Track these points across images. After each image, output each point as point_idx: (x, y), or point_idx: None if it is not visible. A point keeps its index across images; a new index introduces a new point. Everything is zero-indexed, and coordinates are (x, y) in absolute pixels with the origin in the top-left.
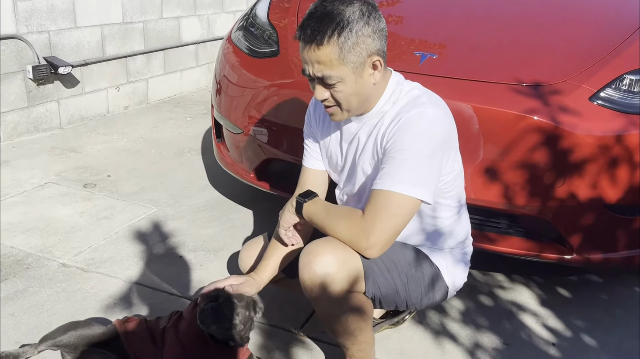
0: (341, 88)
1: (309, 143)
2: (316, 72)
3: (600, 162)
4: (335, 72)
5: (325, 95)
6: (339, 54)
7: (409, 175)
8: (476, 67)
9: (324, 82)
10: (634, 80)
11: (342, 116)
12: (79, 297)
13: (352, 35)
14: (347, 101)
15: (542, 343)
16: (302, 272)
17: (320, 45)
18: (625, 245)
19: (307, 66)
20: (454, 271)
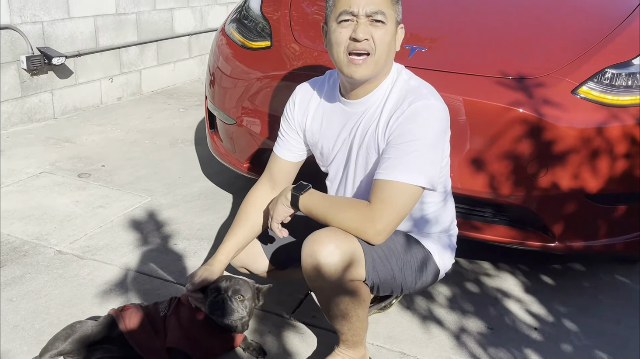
0: (385, 31)
1: (285, 132)
2: (369, 8)
3: (581, 153)
4: (388, 12)
5: (367, 35)
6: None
7: (416, 166)
8: (463, 61)
9: (373, 20)
10: (615, 74)
11: (367, 69)
12: (76, 283)
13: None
14: (382, 49)
15: (525, 327)
16: (305, 261)
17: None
18: (605, 233)
19: (356, 3)
20: (443, 253)
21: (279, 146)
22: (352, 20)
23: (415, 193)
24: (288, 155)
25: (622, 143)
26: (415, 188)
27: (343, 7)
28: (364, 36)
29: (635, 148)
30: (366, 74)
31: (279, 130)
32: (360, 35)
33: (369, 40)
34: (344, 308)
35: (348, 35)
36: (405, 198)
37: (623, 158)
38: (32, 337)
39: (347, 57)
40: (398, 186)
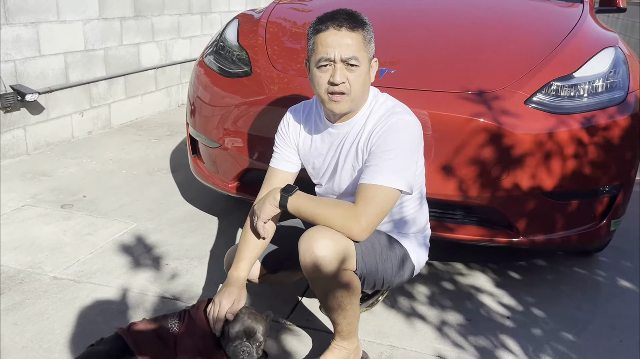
0: (359, 73)
1: (281, 146)
2: (343, 54)
3: (536, 156)
4: (361, 55)
5: (343, 78)
6: (362, 42)
7: (393, 171)
8: (428, 79)
9: (348, 64)
10: (559, 85)
11: (345, 105)
12: (77, 305)
13: (369, 33)
14: (356, 89)
15: (499, 317)
16: (303, 255)
17: (353, 30)
18: (562, 226)
19: (331, 50)
20: (419, 252)
21: (277, 159)
22: (330, 65)
23: (393, 195)
24: (286, 166)
25: (571, 145)
26: (393, 190)
27: (321, 54)
28: (340, 80)
29: (582, 149)
30: (345, 109)
31: (274, 147)
32: (338, 79)
33: (345, 82)
34: (340, 297)
35: (327, 79)
36: (385, 199)
37: (572, 158)
38: (41, 356)
39: (328, 96)
40: (379, 188)
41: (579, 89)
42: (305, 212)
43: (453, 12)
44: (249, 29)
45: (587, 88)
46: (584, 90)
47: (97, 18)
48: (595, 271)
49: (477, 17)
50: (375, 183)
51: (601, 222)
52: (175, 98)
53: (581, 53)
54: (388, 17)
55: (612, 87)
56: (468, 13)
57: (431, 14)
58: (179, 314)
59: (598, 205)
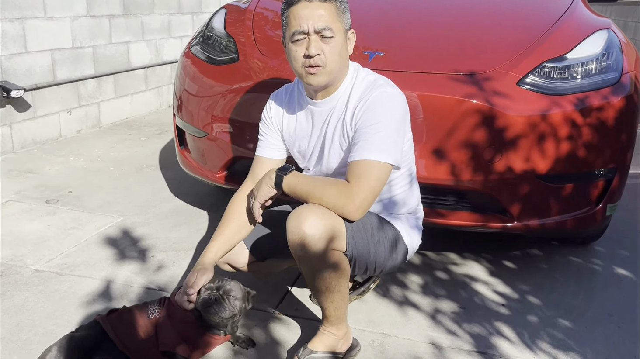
0: (334, 44)
1: (265, 133)
2: (317, 25)
3: (529, 138)
4: (335, 26)
5: (318, 50)
6: (336, 12)
7: (382, 145)
8: (418, 61)
9: (322, 36)
10: (552, 67)
11: (323, 77)
12: (57, 297)
13: (343, 3)
14: (332, 61)
15: (494, 304)
16: (291, 233)
17: (326, 0)
18: (557, 211)
19: (304, 22)
20: (411, 234)
21: (261, 147)
22: (305, 38)
23: (384, 169)
24: (271, 153)
25: (564, 127)
26: (383, 164)
27: (295, 27)
28: (315, 52)
29: (576, 131)
30: (323, 81)
31: (259, 134)
32: (313, 51)
33: (321, 54)
34: (327, 278)
35: (302, 52)
36: (376, 174)
37: (566, 140)
38: (20, 347)
39: (305, 69)
40: (370, 164)
41: (572, 71)
42: (300, 192)
43: None
44: (235, 17)
45: (580, 69)
46: (577, 71)
47: (85, 15)
48: (591, 260)
49: (469, 1)
50: (365, 159)
51: (597, 206)
52: (166, 98)
53: (574, 35)
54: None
55: (606, 69)
56: None
57: None
58: (159, 301)
59: (593, 188)
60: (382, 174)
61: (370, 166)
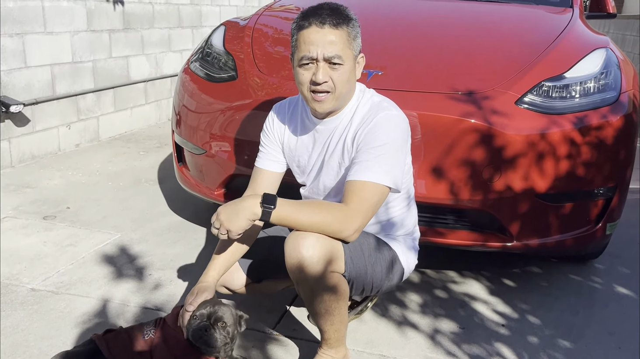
0: (342, 71)
1: (266, 145)
2: (326, 53)
3: (528, 156)
4: (345, 53)
5: (326, 77)
6: (347, 39)
7: (382, 167)
8: (417, 80)
9: (331, 63)
10: (550, 86)
11: (330, 105)
12: (53, 316)
13: (355, 28)
14: (341, 87)
15: (494, 324)
16: (289, 256)
17: (337, 27)
18: (557, 230)
19: (314, 48)
20: (408, 255)
21: (261, 159)
22: (313, 63)
23: (382, 192)
24: (271, 166)
25: (563, 146)
26: (382, 187)
27: (303, 52)
28: (323, 79)
29: (575, 150)
30: (329, 108)
31: (260, 145)
32: (320, 78)
33: (329, 81)
34: (327, 300)
35: (309, 77)
36: (374, 196)
37: (565, 159)
38: None
39: (311, 94)
40: (368, 185)
41: (571, 89)
42: (290, 222)
43: (443, 16)
44: (235, 34)
45: (579, 88)
46: (576, 90)
47: (85, 30)
48: (591, 278)
49: (467, 20)
50: (363, 179)
51: (597, 225)
52: (165, 111)
53: (572, 54)
54: (376, 19)
55: (604, 87)
56: (458, 17)
57: (421, 17)
58: (154, 321)
59: (593, 207)
60: (378, 196)
61: (368, 187)
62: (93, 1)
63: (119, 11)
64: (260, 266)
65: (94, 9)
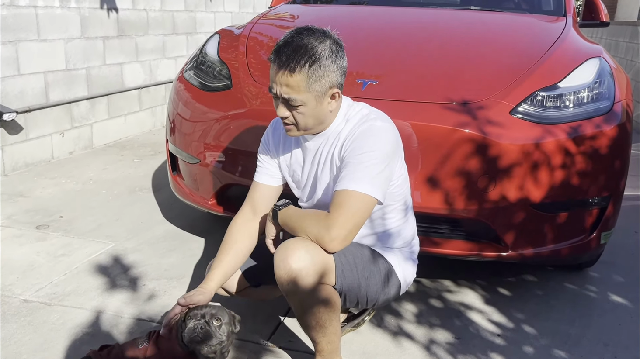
0: (302, 111)
1: (264, 160)
2: (283, 94)
3: (523, 166)
4: (300, 97)
5: (286, 114)
6: (306, 83)
7: (365, 177)
8: (411, 90)
9: (288, 104)
10: (544, 96)
11: (297, 133)
12: (46, 329)
13: (320, 69)
14: (304, 122)
15: (489, 334)
16: (278, 268)
17: (292, 73)
18: (552, 239)
19: (275, 86)
20: (405, 267)
21: (259, 173)
22: (277, 97)
23: (366, 202)
24: (269, 180)
25: (558, 156)
26: (366, 196)
27: (270, 83)
28: (282, 115)
29: (569, 159)
30: (297, 135)
31: (257, 160)
32: (280, 114)
33: (289, 116)
34: (317, 313)
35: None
36: (357, 206)
37: (560, 169)
38: None
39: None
40: (349, 194)
41: (565, 99)
42: (289, 225)
43: (437, 26)
44: (229, 43)
45: (573, 98)
46: (570, 100)
47: (79, 37)
48: (586, 286)
49: (461, 30)
50: (346, 189)
51: (591, 235)
52: (160, 118)
53: (565, 63)
54: (371, 29)
55: (598, 97)
56: (452, 26)
57: (415, 27)
58: (147, 334)
59: (587, 216)
60: (362, 206)
61: (350, 196)
62: (87, 8)
63: (113, 18)
64: (259, 271)
65: (87, 16)
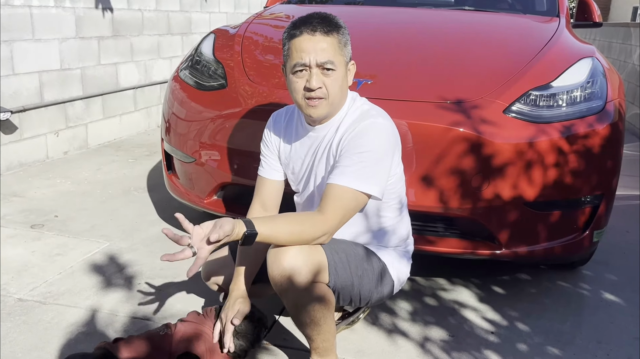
0: (335, 77)
1: (267, 155)
2: (319, 58)
3: (517, 165)
4: (336, 59)
5: (319, 83)
6: (338, 45)
7: (361, 174)
8: (406, 89)
9: (324, 68)
10: (538, 95)
11: (323, 110)
12: (41, 328)
13: (344, 36)
14: (334, 92)
15: (483, 332)
16: (271, 268)
17: (328, 34)
18: (545, 238)
19: (306, 55)
20: (399, 266)
21: (263, 168)
22: (306, 70)
23: (358, 198)
24: (275, 175)
25: (551, 155)
26: (358, 193)
27: (296, 59)
28: (317, 85)
29: (562, 158)
30: (323, 113)
31: (261, 154)
32: (314, 84)
33: (322, 87)
34: (311, 311)
35: (303, 84)
36: (348, 201)
37: (553, 168)
38: None
39: (305, 101)
40: (343, 190)
41: (558, 98)
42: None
43: (432, 25)
44: (224, 43)
45: (566, 97)
46: (563, 99)
47: (73, 37)
48: (579, 285)
49: (455, 29)
50: (340, 184)
51: (584, 233)
52: (155, 118)
53: (558, 63)
54: (366, 28)
55: (591, 97)
56: (446, 26)
57: (410, 26)
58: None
59: (580, 215)
60: (354, 202)
61: (343, 192)
62: (82, 8)
63: (108, 18)
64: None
65: (82, 16)
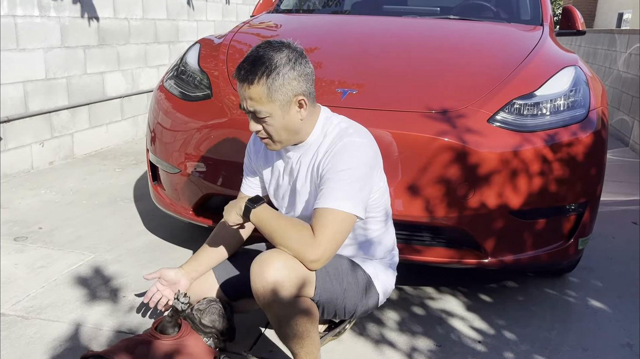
0: (271, 122)
1: (248, 174)
2: (249, 107)
3: (502, 174)
4: (265, 108)
5: (257, 127)
6: (267, 93)
7: (345, 194)
8: (391, 99)
9: (256, 116)
10: (522, 104)
11: (275, 146)
12: (23, 343)
13: (279, 78)
14: (277, 134)
15: (470, 341)
16: (254, 281)
17: (252, 85)
18: (531, 246)
19: (242, 101)
20: (384, 278)
21: (245, 185)
22: (247, 112)
23: (346, 219)
24: (253, 192)
25: (535, 163)
26: (344, 214)
27: (240, 99)
28: (254, 129)
29: (546, 166)
30: (277, 148)
31: (244, 171)
32: (251, 128)
33: (261, 130)
34: (294, 325)
35: None
36: (338, 224)
37: (537, 176)
38: None
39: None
40: (331, 213)
41: (541, 107)
42: (264, 228)
43: (417, 35)
44: (209, 53)
45: (549, 106)
46: (546, 108)
47: (59, 46)
48: (566, 292)
49: (439, 39)
50: (325, 207)
51: (569, 240)
52: (142, 127)
53: (542, 72)
54: (351, 38)
55: (574, 105)
56: (431, 36)
57: (394, 35)
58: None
59: (565, 223)
60: (343, 223)
61: (332, 215)
62: (67, 17)
63: (94, 27)
64: (238, 284)
65: (68, 25)
